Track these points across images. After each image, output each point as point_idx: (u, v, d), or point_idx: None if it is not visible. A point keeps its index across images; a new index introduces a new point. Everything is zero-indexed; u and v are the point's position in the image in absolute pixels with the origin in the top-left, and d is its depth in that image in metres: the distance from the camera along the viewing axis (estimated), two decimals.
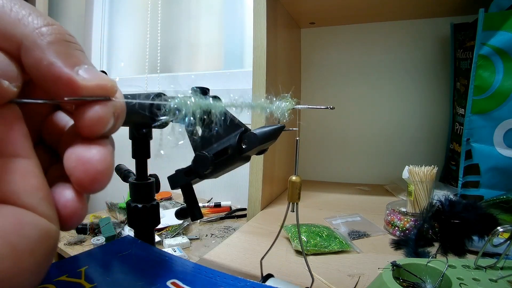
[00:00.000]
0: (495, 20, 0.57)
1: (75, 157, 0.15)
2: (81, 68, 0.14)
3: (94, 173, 0.14)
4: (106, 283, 0.20)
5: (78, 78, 0.14)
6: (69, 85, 0.14)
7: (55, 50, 0.14)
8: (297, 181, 0.32)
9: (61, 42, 0.14)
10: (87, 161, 0.14)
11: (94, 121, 0.15)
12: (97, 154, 0.15)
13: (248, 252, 0.49)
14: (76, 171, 0.14)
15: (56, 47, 0.14)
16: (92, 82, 0.14)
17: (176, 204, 0.94)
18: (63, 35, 0.14)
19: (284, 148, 0.82)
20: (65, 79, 0.14)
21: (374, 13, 0.85)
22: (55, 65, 0.14)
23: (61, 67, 0.14)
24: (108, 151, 0.15)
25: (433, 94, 0.88)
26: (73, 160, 0.15)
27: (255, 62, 0.67)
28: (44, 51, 0.14)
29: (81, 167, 0.14)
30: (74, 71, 0.14)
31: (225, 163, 0.29)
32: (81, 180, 0.14)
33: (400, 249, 0.48)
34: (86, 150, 0.15)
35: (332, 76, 0.97)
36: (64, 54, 0.14)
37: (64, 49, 0.14)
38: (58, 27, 0.14)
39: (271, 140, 0.28)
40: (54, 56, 0.14)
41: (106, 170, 0.15)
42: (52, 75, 0.14)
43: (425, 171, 0.55)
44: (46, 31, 0.14)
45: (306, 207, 0.72)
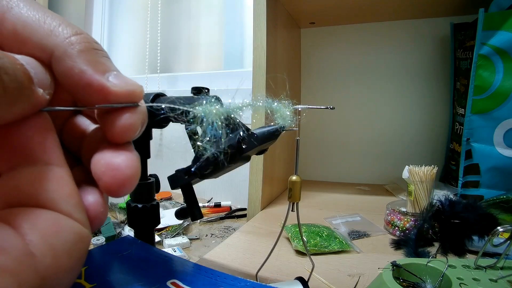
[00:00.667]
0: (495, 20, 0.57)
1: (104, 163, 0.15)
2: (110, 74, 0.15)
3: (122, 178, 0.15)
4: (106, 283, 0.20)
5: (109, 84, 0.15)
6: (100, 92, 0.14)
7: (85, 58, 0.14)
8: (297, 181, 0.32)
9: (90, 50, 0.15)
10: (116, 167, 0.15)
11: (126, 128, 0.15)
12: (126, 160, 0.15)
13: (248, 252, 0.49)
14: (105, 177, 0.15)
15: (86, 55, 0.14)
16: (122, 88, 0.15)
17: (176, 204, 0.94)
18: (91, 43, 0.15)
19: (284, 148, 0.82)
20: (96, 85, 0.14)
21: (374, 13, 0.85)
22: (86, 73, 0.14)
23: (92, 74, 0.14)
24: (136, 156, 0.16)
25: (433, 94, 0.88)
26: (102, 165, 0.15)
27: (255, 62, 0.67)
28: (75, 60, 0.14)
29: (110, 172, 0.15)
30: (104, 78, 0.15)
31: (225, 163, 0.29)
32: (110, 185, 0.15)
33: (400, 249, 0.48)
34: (114, 156, 0.15)
35: (332, 76, 0.97)
36: (93, 62, 0.14)
37: (93, 57, 0.15)
38: (86, 36, 0.15)
39: (271, 140, 0.28)
40: (84, 64, 0.14)
41: (134, 175, 0.15)
42: (84, 82, 0.14)
43: (425, 171, 0.55)
44: (75, 40, 0.14)
45: (306, 207, 0.72)
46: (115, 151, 0.15)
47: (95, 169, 0.15)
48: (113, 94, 0.15)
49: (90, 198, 0.16)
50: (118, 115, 0.15)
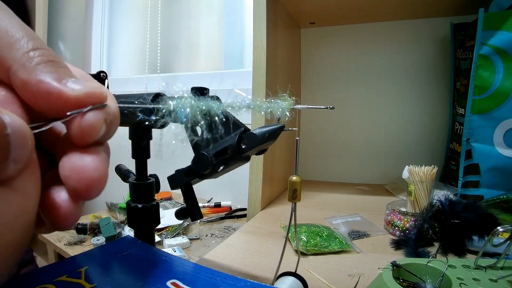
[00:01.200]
0: (495, 20, 0.57)
1: (69, 166, 0.15)
2: (68, 81, 0.15)
3: (87, 181, 0.15)
4: (106, 283, 0.20)
5: (67, 90, 0.14)
6: (60, 99, 0.14)
7: (42, 69, 0.14)
8: (297, 181, 0.32)
9: (47, 62, 0.15)
10: (81, 170, 0.15)
11: (85, 129, 0.15)
12: (91, 163, 0.15)
13: (248, 252, 0.49)
14: (70, 180, 0.15)
15: (43, 67, 0.14)
16: (81, 91, 0.15)
17: (176, 204, 0.94)
18: (49, 56, 0.15)
19: (284, 148, 0.82)
20: (55, 93, 0.14)
21: (374, 13, 0.85)
22: (43, 82, 0.14)
23: (50, 82, 0.14)
24: (102, 159, 0.15)
25: (433, 94, 0.88)
26: (67, 169, 0.15)
27: (255, 62, 0.67)
28: (31, 72, 0.14)
29: (75, 176, 0.15)
30: (62, 84, 0.15)
31: (225, 163, 0.29)
32: (76, 188, 0.15)
33: (400, 249, 0.48)
34: (79, 159, 0.15)
35: (332, 76, 0.97)
36: (50, 71, 0.15)
37: (51, 67, 0.15)
38: (46, 50, 0.15)
39: (271, 140, 0.28)
40: (41, 74, 0.14)
41: (100, 178, 0.15)
42: (42, 92, 0.14)
43: (425, 171, 0.55)
44: (33, 55, 0.14)
45: (306, 207, 0.72)
46: (80, 154, 0.15)
47: (61, 172, 0.15)
48: (72, 99, 0.14)
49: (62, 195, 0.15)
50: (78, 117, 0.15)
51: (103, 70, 0.40)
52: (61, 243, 0.74)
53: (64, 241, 0.75)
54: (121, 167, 0.41)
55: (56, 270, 0.21)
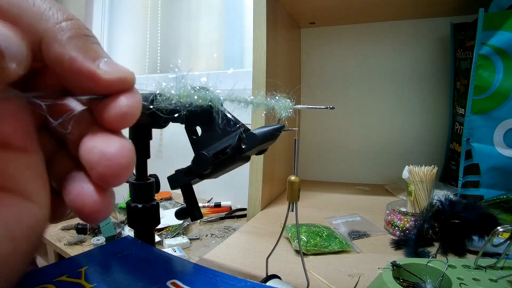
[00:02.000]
0: (495, 20, 0.57)
1: (99, 152, 0.14)
2: (101, 61, 0.14)
3: (118, 168, 0.14)
4: (106, 283, 0.20)
5: (100, 71, 0.14)
6: (91, 79, 0.14)
7: (75, 44, 0.14)
8: (296, 181, 0.32)
9: (80, 36, 0.14)
10: (112, 156, 0.14)
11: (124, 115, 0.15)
12: (121, 149, 0.15)
13: (248, 252, 0.49)
14: (99, 166, 0.14)
15: (76, 41, 0.14)
16: (113, 75, 0.14)
17: (176, 204, 0.94)
18: (82, 30, 0.14)
19: (284, 148, 0.82)
20: (86, 73, 0.14)
21: (374, 13, 0.85)
22: (76, 60, 0.14)
23: (83, 61, 0.14)
24: (130, 144, 0.15)
25: (433, 94, 0.88)
26: (96, 154, 0.14)
27: (255, 62, 0.67)
28: (65, 46, 0.14)
29: (105, 162, 0.14)
30: (95, 65, 0.14)
31: (225, 163, 0.29)
32: (104, 174, 0.14)
33: (400, 249, 0.48)
34: (109, 144, 0.15)
35: (332, 76, 0.97)
36: (84, 48, 0.14)
37: (84, 43, 0.14)
38: (77, 22, 0.14)
39: (271, 140, 0.28)
40: (74, 50, 0.14)
41: (129, 164, 0.15)
42: (74, 69, 0.14)
43: (425, 171, 0.55)
44: (65, 26, 0.14)
45: (306, 207, 0.72)
46: (108, 138, 0.15)
47: (87, 158, 0.15)
48: (104, 81, 0.14)
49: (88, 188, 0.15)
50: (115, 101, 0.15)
51: None
52: (61, 243, 0.74)
53: (64, 241, 0.75)
54: None
55: (56, 270, 0.21)
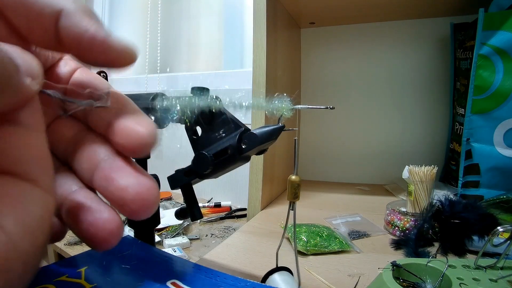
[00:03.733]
0: (495, 20, 0.57)
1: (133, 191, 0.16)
2: (111, 34, 0.16)
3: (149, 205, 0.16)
4: (106, 283, 0.20)
5: (110, 39, 0.16)
6: (103, 44, 0.15)
7: (90, 18, 0.16)
8: (296, 180, 0.32)
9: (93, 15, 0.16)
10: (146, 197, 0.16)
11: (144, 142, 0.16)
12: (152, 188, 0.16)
13: (248, 252, 0.49)
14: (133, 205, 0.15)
15: (91, 17, 0.16)
16: (122, 44, 0.16)
17: (176, 204, 0.94)
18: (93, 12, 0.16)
19: (284, 148, 0.82)
20: (100, 38, 0.15)
21: (374, 13, 0.85)
22: (91, 27, 0.15)
23: (97, 29, 0.15)
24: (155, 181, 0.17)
25: (433, 93, 0.88)
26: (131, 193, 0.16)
27: (255, 62, 0.67)
28: (82, 17, 0.15)
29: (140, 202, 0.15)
30: (106, 34, 0.16)
31: (225, 163, 0.29)
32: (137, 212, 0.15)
33: (400, 249, 0.48)
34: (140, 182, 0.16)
35: (332, 76, 0.97)
36: (97, 23, 0.16)
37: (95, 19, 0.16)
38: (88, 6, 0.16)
39: (271, 140, 0.28)
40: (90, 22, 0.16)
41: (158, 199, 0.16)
42: (88, 35, 0.15)
43: (425, 171, 0.55)
44: (81, 5, 0.16)
45: (306, 207, 0.72)
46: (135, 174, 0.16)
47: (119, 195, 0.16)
48: (114, 47, 0.16)
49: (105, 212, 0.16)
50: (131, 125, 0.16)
51: (103, 70, 0.40)
52: (61, 243, 0.74)
53: (64, 241, 0.75)
54: None
55: (56, 270, 0.21)
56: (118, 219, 0.16)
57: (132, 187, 0.15)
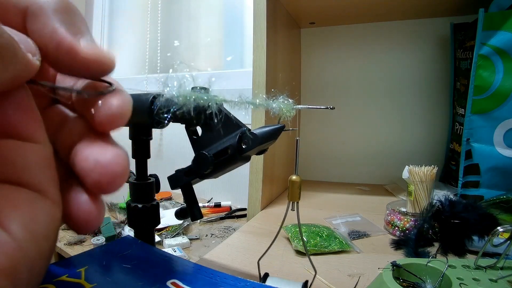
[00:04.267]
0: (495, 20, 0.57)
1: (93, 160, 0.14)
2: (83, 38, 0.14)
3: (112, 175, 0.14)
4: (106, 283, 0.20)
5: (79, 47, 0.14)
6: (69, 53, 0.14)
7: (60, 17, 0.14)
8: (297, 180, 0.32)
9: (66, 10, 0.14)
10: (107, 164, 0.14)
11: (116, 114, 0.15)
12: (115, 157, 0.15)
13: (248, 252, 0.49)
14: (94, 174, 0.14)
15: (61, 15, 0.14)
16: (92, 54, 0.14)
17: (176, 204, 0.94)
18: (69, 4, 0.14)
19: (284, 148, 0.82)
20: (66, 46, 0.14)
21: (374, 13, 0.85)
22: (58, 31, 0.14)
23: (64, 33, 0.14)
24: (124, 152, 0.15)
25: (433, 93, 0.88)
26: (91, 162, 0.14)
27: (255, 62, 0.67)
28: (49, 17, 0.14)
29: (100, 169, 0.14)
30: (76, 39, 0.14)
31: (225, 163, 0.29)
32: (99, 182, 0.14)
33: (400, 249, 0.48)
34: (103, 152, 0.15)
35: (332, 76, 0.97)
36: (68, 22, 0.14)
37: (69, 18, 0.14)
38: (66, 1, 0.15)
39: (271, 140, 0.28)
40: (58, 22, 0.14)
41: (124, 172, 0.15)
42: (55, 41, 0.14)
43: (425, 171, 0.55)
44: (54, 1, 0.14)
45: (306, 207, 0.72)
46: (102, 146, 0.15)
47: (82, 166, 0.15)
48: (81, 57, 0.14)
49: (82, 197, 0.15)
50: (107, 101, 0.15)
51: None
52: (61, 243, 0.74)
53: (64, 241, 0.75)
54: None
55: (56, 270, 0.21)
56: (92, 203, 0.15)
57: (93, 156, 0.14)
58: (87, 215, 0.15)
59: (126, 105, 0.15)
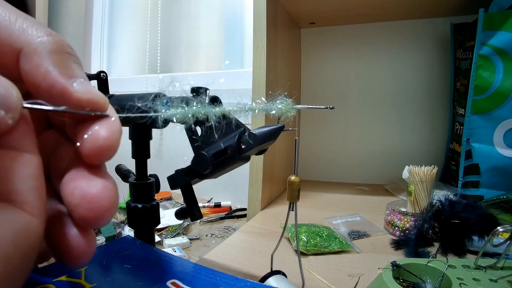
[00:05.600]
0: (495, 20, 0.57)
1: (80, 193, 0.14)
2: (76, 80, 0.14)
3: (99, 210, 0.14)
4: (106, 283, 0.20)
5: (72, 89, 0.14)
6: (62, 95, 0.14)
7: (54, 59, 0.14)
8: (296, 180, 0.32)
9: (60, 52, 0.14)
10: (93, 198, 0.14)
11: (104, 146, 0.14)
12: (103, 190, 0.14)
13: (248, 252, 0.49)
14: (80, 208, 0.14)
15: (55, 56, 0.14)
16: (84, 95, 0.14)
17: (176, 204, 0.94)
18: (63, 46, 0.14)
19: (284, 148, 0.82)
20: (59, 88, 0.14)
21: (374, 13, 0.85)
22: (51, 73, 0.14)
23: (57, 76, 0.14)
24: (113, 184, 0.15)
25: (433, 93, 0.88)
26: (77, 196, 0.14)
27: (255, 62, 0.67)
28: (43, 59, 0.14)
29: (86, 204, 0.14)
30: (69, 82, 0.14)
31: (225, 163, 0.29)
32: (86, 217, 0.14)
33: (400, 249, 0.48)
34: (90, 184, 0.14)
35: (332, 76, 0.97)
36: (61, 64, 0.14)
37: (63, 59, 0.14)
38: (60, 38, 0.14)
39: (271, 140, 0.28)
40: (51, 64, 0.14)
41: (112, 206, 0.14)
42: (47, 83, 0.14)
43: (425, 171, 0.55)
44: (47, 40, 0.14)
45: (306, 207, 0.72)
46: (90, 177, 0.14)
47: (68, 199, 0.14)
48: (74, 99, 0.14)
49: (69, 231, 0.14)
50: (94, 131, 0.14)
51: (103, 70, 0.40)
52: None
53: None
54: (121, 167, 0.41)
55: (56, 270, 0.21)
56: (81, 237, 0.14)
57: (79, 190, 0.14)
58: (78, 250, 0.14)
59: (114, 137, 0.14)
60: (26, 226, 0.12)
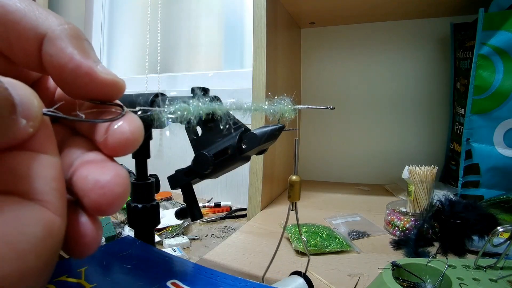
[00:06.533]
0: (495, 20, 0.57)
1: (92, 179, 0.14)
2: (99, 63, 0.15)
3: (112, 196, 0.14)
4: (106, 283, 0.20)
5: (97, 69, 0.15)
6: (87, 75, 0.14)
7: (76, 44, 0.15)
8: (296, 180, 0.32)
9: (81, 39, 0.15)
10: (106, 184, 0.14)
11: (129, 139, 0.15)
12: (116, 177, 0.14)
13: (248, 252, 0.49)
14: (93, 194, 0.14)
15: (78, 42, 0.15)
16: (109, 76, 0.15)
17: (176, 204, 0.94)
18: (81, 34, 0.15)
19: (284, 148, 0.82)
20: (85, 68, 0.14)
21: (374, 13, 0.85)
22: (77, 56, 0.14)
23: (82, 57, 0.14)
24: (124, 172, 0.15)
25: (433, 94, 0.88)
26: (90, 182, 0.14)
27: (255, 62, 0.67)
28: (67, 43, 0.14)
29: (99, 190, 0.14)
30: (94, 64, 0.15)
31: (225, 163, 0.29)
32: (98, 203, 0.14)
33: (400, 249, 0.48)
34: (103, 171, 0.14)
35: (332, 76, 0.97)
36: (83, 49, 0.15)
37: (84, 45, 0.15)
38: (77, 27, 0.15)
39: (271, 140, 0.28)
40: (75, 48, 0.14)
41: (124, 193, 0.14)
42: (73, 64, 0.14)
43: (425, 171, 0.55)
44: (68, 28, 0.15)
45: (306, 207, 0.72)
46: (102, 165, 0.15)
47: (80, 185, 0.14)
48: (100, 79, 0.15)
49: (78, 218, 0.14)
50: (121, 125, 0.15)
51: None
52: None
53: None
54: None
55: (56, 270, 0.21)
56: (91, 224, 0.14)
57: (92, 176, 0.14)
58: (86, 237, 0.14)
59: (139, 131, 0.15)
60: (51, 224, 0.13)
